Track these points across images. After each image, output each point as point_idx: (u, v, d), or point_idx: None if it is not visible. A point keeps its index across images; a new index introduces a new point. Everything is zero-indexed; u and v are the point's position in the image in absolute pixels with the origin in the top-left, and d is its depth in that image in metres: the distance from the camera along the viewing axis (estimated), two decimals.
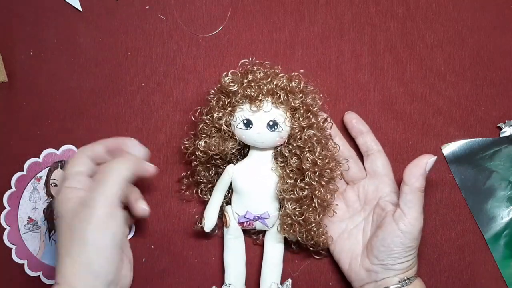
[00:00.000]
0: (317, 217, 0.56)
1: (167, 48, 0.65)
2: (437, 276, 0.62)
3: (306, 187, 0.55)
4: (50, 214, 0.64)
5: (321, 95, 0.57)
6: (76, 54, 0.65)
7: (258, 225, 0.59)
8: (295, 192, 0.55)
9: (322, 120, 0.57)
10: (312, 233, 0.56)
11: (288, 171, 0.56)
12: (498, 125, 0.63)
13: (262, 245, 0.61)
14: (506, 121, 0.63)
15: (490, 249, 0.62)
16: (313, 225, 0.56)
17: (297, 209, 0.55)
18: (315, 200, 0.56)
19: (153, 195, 0.63)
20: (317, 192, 0.55)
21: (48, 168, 0.64)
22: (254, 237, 0.62)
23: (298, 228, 0.56)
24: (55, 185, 0.64)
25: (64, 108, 0.65)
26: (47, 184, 0.64)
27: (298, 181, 0.55)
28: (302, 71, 0.57)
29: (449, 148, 0.63)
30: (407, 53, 0.64)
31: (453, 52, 0.64)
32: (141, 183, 0.62)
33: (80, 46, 0.65)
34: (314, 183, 0.55)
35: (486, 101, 0.64)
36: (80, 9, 0.65)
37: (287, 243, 0.60)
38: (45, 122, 0.65)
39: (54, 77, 0.65)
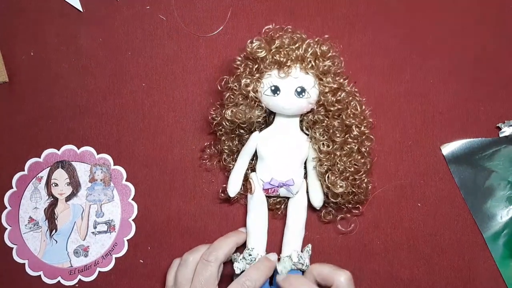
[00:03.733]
0: (365, 167, 0.59)
1: (167, 48, 0.65)
2: (437, 276, 0.62)
3: (355, 140, 0.57)
4: (51, 213, 0.64)
5: (341, 58, 0.58)
6: (77, 54, 0.65)
7: (282, 192, 0.59)
8: (345, 148, 0.57)
9: (347, 80, 0.58)
10: (366, 181, 0.59)
11: (334, 131, 0.57)
12: (497, 125, 0.63)
13: (283, 217, 0.61)
14: (506, 121, 0.63)
15: (489, 249, 0.62)
16: (364, 175, 0.59)
17: (350, 162, 0.57)
18: (363, 149, 0.58)
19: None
20: (362, 142, 0.58)
21: (49, 168, 0.64)
22: (277, 207, 0.62)
23: (351, 181, 0.58)
24: (56, 184, 0.64)
25: (65, 108, 0.65)
26: (48, 184, 0.64)
27: (347, 137, 0.57)
28: (327, 36, 0.58)
29: (449, 148, 0.63)
30: (407, 53, 0.64)
31: (452, 52, 0.64)
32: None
33: (80, 46, 0.65)
34: (360, 134, 0.58)
35: (485, 101, 0.64)
36: (81, 9, 0.65)
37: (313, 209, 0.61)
38: (46, 122, 0.65)
39: (54, 77, 0.65)
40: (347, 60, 0.64)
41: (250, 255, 0.58)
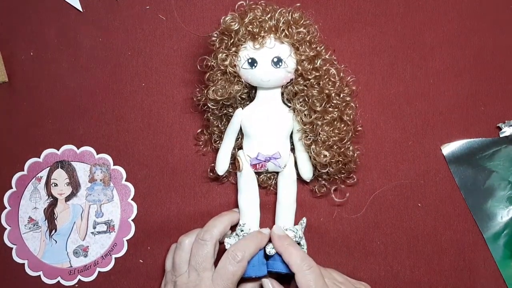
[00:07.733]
0: (349, 134, 0.59)
1: (167, 48, 0.65)
2: (437, 276, 0.62)
3: (335, 109, 0.57)
4: (50, 214, 0.64)
5: (316, 27, 0.57)
6: (77, 54, 0.65)
7: (270, 166, 0.59)
8: (326, 117, 0.57)
9: (324, 49, 0.58)
10: (351, 148, 0.59)
11: (313, 100, 0.57)
12: (497, 125, 0.63)
13: (275, 193, 0.61)
14: (506, 121, 0.63)
15: (490, 249, 0.62)
16: (348, 142, 0.59)
17: (332, 131, 0.57)
18: (345, 118, 0.58)
19: (156, 189, 0.64)
20: (344, 110, 0.58)
21: (49, 168, 0.64)
22: (269, 183, 0.62)
23: (336, 149, 0.58)
24: (56, 185, 0.64)
25: (65, 108, 0.65)
26: (47, 184, 0.64)
27: (327, 106, 0.57)
28: (298, 4, 0.57)
29: (449, 148, 0.63)
30: (406, 53, 0.64)
31: (452, 52, 0.64)
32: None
33: (80, 46, 0.65)
34: (341, 102, 0.57)
35: (485, 101, 0.64)
36: (80, 9, 0.65)
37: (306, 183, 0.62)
38: (46, 122, 0.65)
39: (54, 77, 0.65)
40: (347, 60, 0.64)
41: (242, 230, 0.58)
